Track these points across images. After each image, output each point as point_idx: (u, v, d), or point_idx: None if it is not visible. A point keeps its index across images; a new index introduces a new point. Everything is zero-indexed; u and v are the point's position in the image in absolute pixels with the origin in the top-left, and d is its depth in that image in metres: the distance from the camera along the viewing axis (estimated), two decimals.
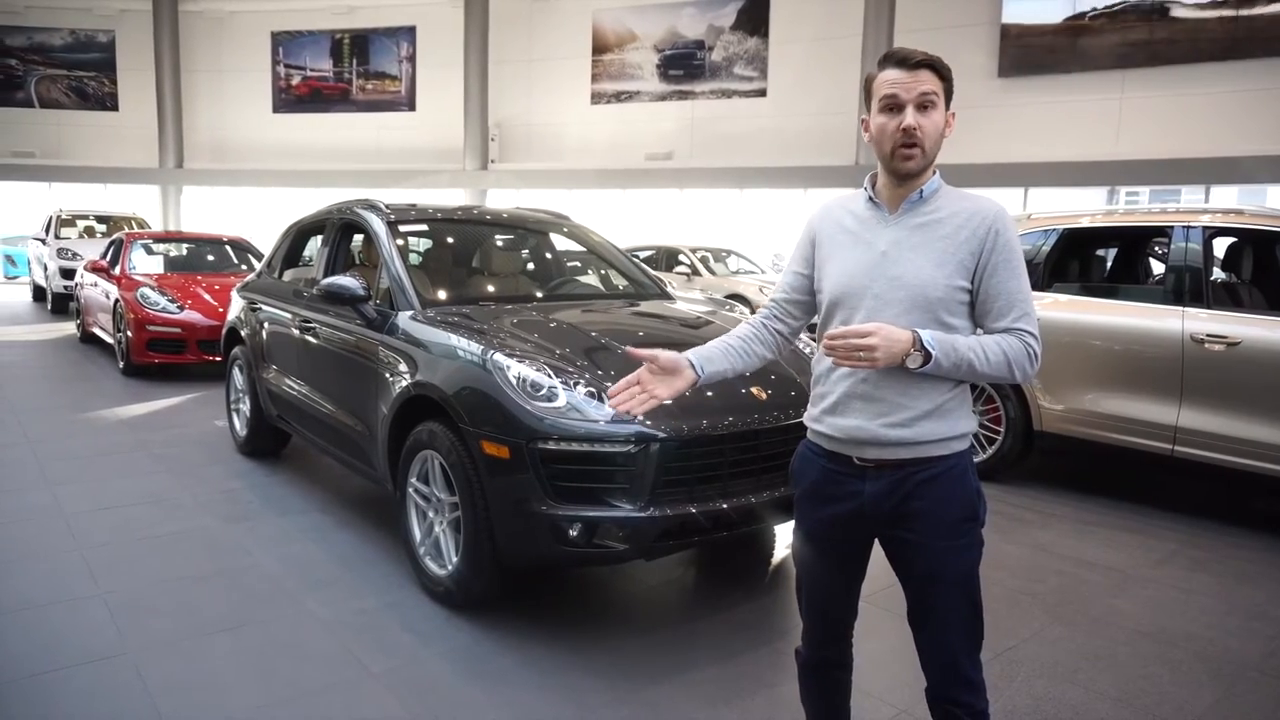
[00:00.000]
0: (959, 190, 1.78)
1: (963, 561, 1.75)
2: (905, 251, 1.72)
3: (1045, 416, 4.87)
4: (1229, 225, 4.58)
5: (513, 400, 2.91)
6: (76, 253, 12.35)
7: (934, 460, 1.73)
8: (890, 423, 1.71)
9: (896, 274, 1.71)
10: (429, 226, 4.71)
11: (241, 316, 5.31)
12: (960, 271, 1.70)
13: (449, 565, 3.17)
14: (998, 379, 1.69)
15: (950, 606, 1.74)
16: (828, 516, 1.83)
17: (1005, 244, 1.69)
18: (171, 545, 3.80)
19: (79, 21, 20.59)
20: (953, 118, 1.74)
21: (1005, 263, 1.69)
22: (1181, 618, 3.32)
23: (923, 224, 1.73)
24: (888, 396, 1.71)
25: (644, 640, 3.03)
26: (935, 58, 1.70)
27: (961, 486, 1.74)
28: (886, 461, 1.73)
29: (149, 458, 5.21)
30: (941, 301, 1.69)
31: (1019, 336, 1.68)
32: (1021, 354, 1.67)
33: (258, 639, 2.96)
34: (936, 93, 1.69)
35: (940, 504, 1.72)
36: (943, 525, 1.73)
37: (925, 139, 1.68)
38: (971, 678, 1.76)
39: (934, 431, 1.71)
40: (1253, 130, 12.32)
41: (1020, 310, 1.69)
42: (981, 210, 1.72)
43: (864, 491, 1.76)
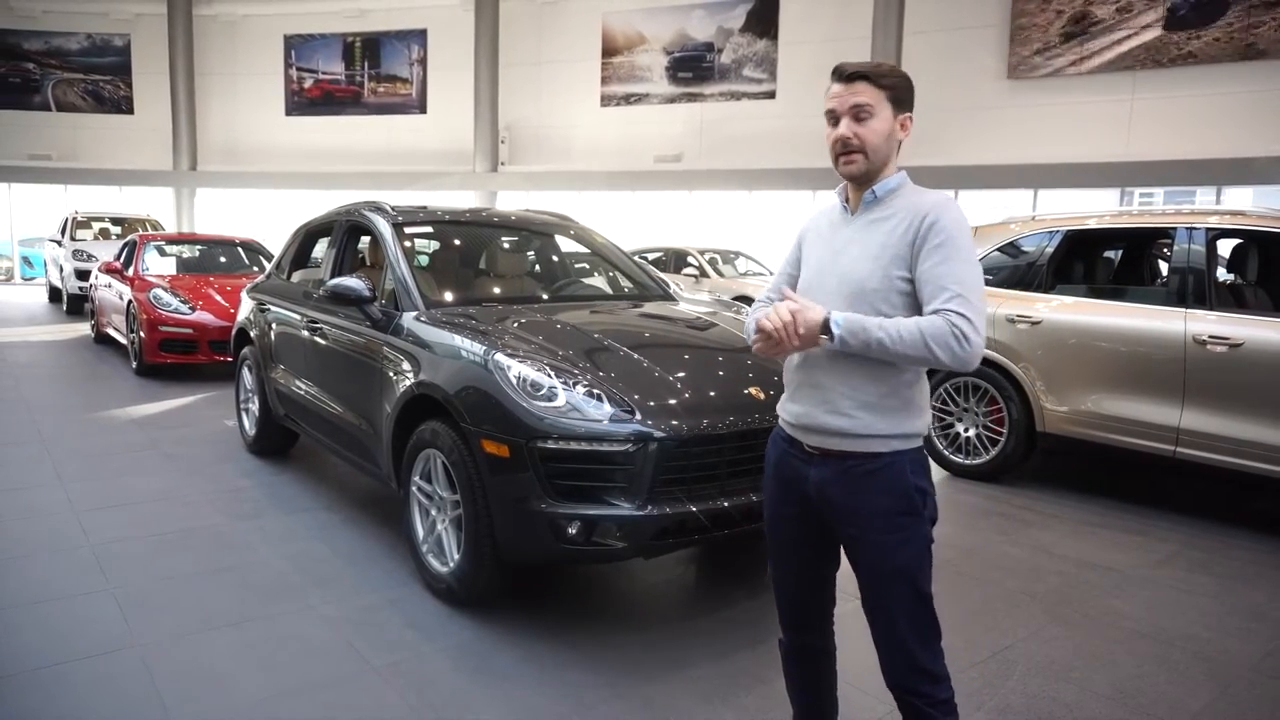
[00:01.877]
0: (920, 189, 1.86)
1: (903, 554, 1.80)
2: (853, 248, 1.86)
3: (1048, 418, 4.87)
4: (1232, 227, 4.57)
5: (513, 400, 2.95)
6: (91, 254, 12.49)
7: (873, 456, 1.80)
8: (831, 410, 1.82)
9: (843, 269, 1.85)
10: (434, 228, 4.76)
11: (251, 317, 5.37)
12: (897, 262, 1.78)
13: (451, 562, 3.22)
14: (918, 359, 1.70)
15: (894, 598, 1.82)
16: (781, 495, 1.96)
17: (938, 231, 1.75)
18: (180, 542, 3.86)
19: (95, 26, 20.81)
20: (907, 120, 1.85)
21: (937, 249, 1.74)
22: (1180, 618, 3.33)
23: (873, 221, 1.85)
24: (832, 386, 1.82)
25: (642, 638, 3.07)
26: (871, 69, 1.81)
27: (899, 481, 1.80)
28: (830, 451, 1.84)
29: (160, 456, 5.28)
30: (878, 292, 1.78)
31: (944, 316, 1.69)
32: (944, 332, 1.67)
33: (262, 633, 3.01)
34: (871, 102, 1.80)
35: (876, 498, 1.80)
36: (878, 519, 1.80)
37: (866, 145, 1.81)
38: (926, 667, 1.82)
39: (873, 426, 1.79)
40: (1265, 131, 12.24)
41: (952, 292, 1.71)
42: (923, 204, 1.80)
43: (809, 477, 1.88)
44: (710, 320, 4.04)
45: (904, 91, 1.84)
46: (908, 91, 1.85)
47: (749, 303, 11.20)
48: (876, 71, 1.81)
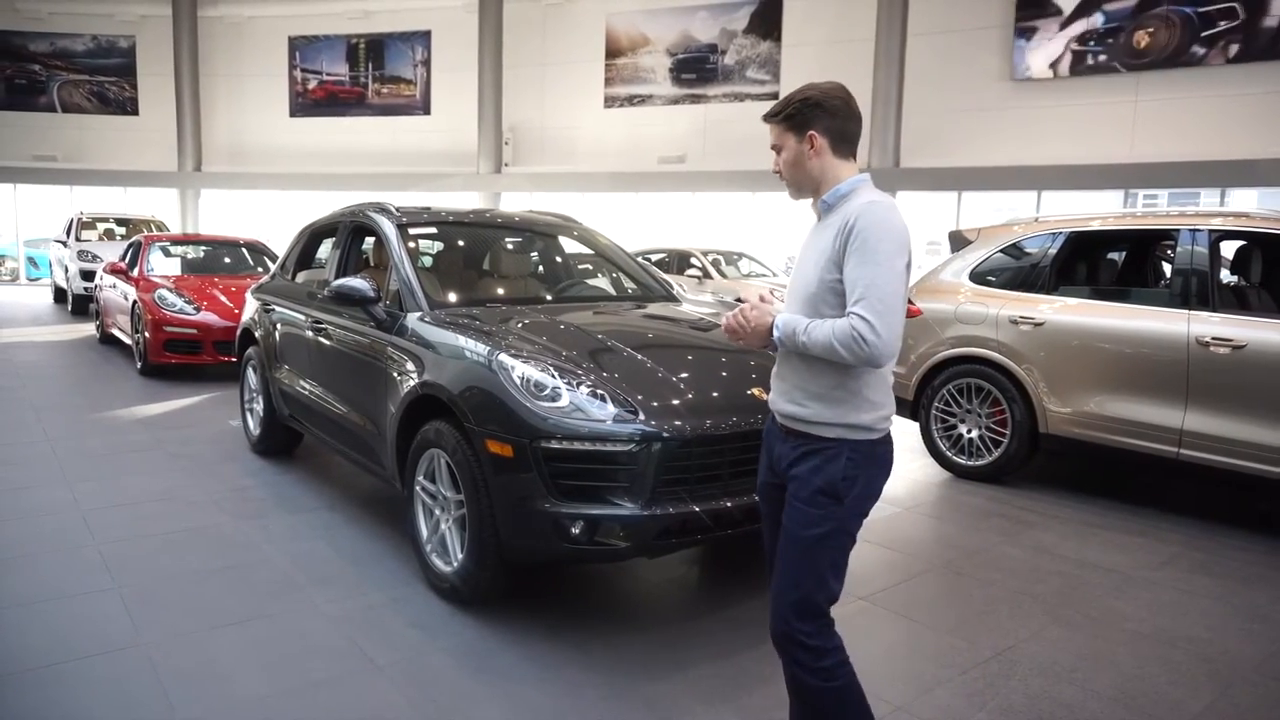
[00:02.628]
0: (863, 191, 2.01)
1: (810, 525, 1.98)
2: (806, 255, 2.07)
3: (1051, 419, 4.87)
4: (1235, 229, 4.57)
5: (517, 400, 2.96)
6: (96, 255, 12.53)
7: (819, 440, 2.00)
8: (789, 399, 2.06)
9: (799, 275, 2.07)
10: (439, 229, 4.77)
11: (255, 318, 5.39)
12: (830, 266, 1.95)
13: (454, 562, 3.23)
14: (833, 357, 1.89)
15: (788, 554, 2.01)
16: (765, 465, 2.19)
17: (856, 235, 1.89)
18: (185, 541, 3.88)
19: (101, 27, 20.88)
20: (813, 137, 2.02)
21: (854, 253, 1.89)
22: (1181, 619, 3.33)
23: (824, 227, 2.03)
24: (789, 378, 2.07)
25: (644, 637, 3.08)
26: (773, 110, 2.07)
27: (832, 467, 1.98)
28: (791, 430, 2.06)
29: (165, 456, 5.30)
30: (819, 294, 1.98)
31: (849, 319, 1.86)
32: (846, 334, 1.85)
33: (266, 632, 3.03)
34: (777, 141, 2.07)
35: (809, 473, 1.99)
36: (804, 490, 1.99)
37: (784, 173, 2.08)
38: (800, 627, 1.98)
39: (821, 414, 1.99)
40: (1270, 133, 12.22)
41: (858, 295, 1.86)
42: (849, 209, 1.96)
43: (776, 449, 2.12)
44: (713, 321, 4.05)
45: (798, 116, 2.02)
46: (806, 112, 2.01)
47: None
48: (775, 111, 2.07)
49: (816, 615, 1.99)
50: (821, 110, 2.01)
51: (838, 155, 2.03)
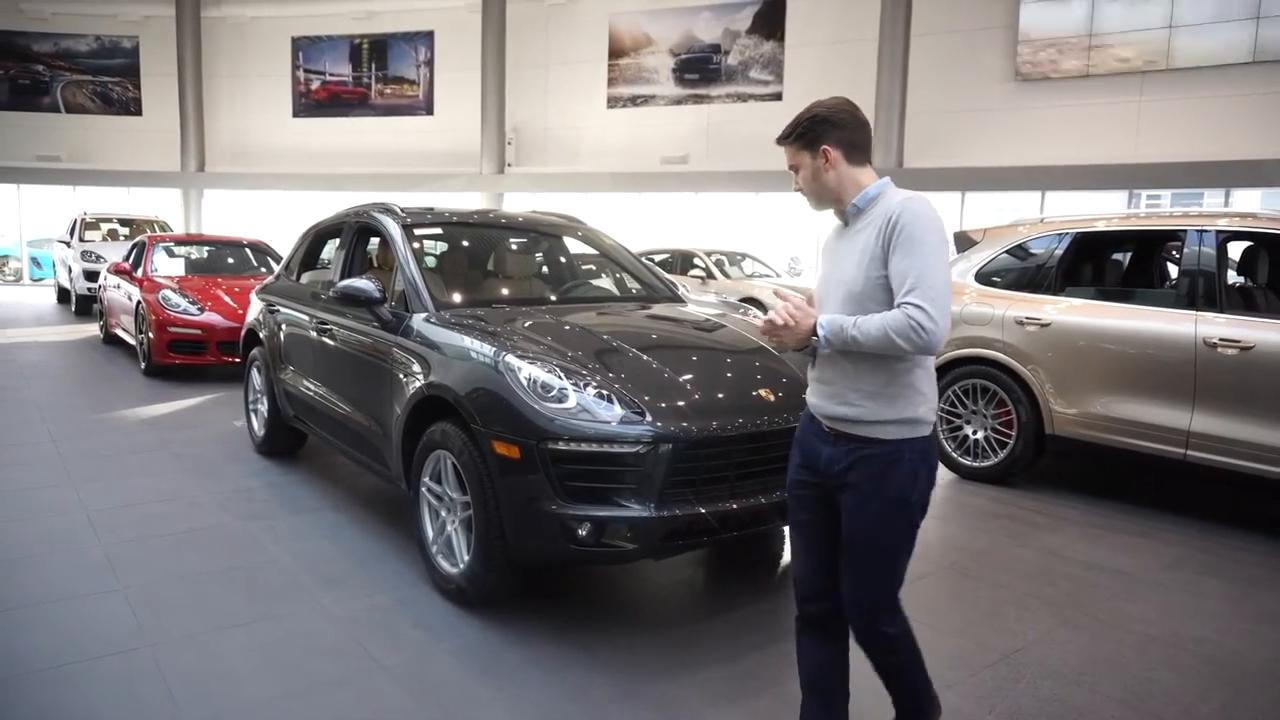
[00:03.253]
0: (894, 193, 2.06)
1: (880, 531, 2.05)
2: (844, 257, 2.10)
3: (1057, 420, 4.86)
4: (1243, 229, 4.56)
5: (523, 401, 2.96)
6: (100, 255, 12.53)
7: (876, 441, 2.03)
8: (840, 401, 2.07)
9: (837, 277, 2.11)
10: (443, 230, 4.76)
11: (260, 318, 5.39)
12: (875, 264, 2.00)
13: (460, 563, 3.22)
14: (888, 350, 1.93)
15: (854, 561, 2.09)
16: (800, 465, 2.20)
17: (901, 229, 1.95)
18: (190, 541, 3.87)
19: (104, 28, 20.91)
20: (827, 151, 2.07)
21: (900, 246, 1.95)
22: (1190, 622, 3.32)
23: (854, 232, 2.10)
24: (837, 380, 2.08)
25: (651, 639, 3.07)
26: (784, 132, 2.12)
27: (896, 472, 2.02)
28: (841, 432, 2.08)
29: (169, 456, 5.30)
30: (866, 292, 2.01)
31: (903, 309, 1.90)
32: (902, 324, 1.89)
33: (272, 633, 3.02)
34: (793, 162, 2.13)
35: (873, 481, 2.02)
36: (871, 500, 2.03)
37: (805, 190, 2.15)
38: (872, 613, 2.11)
39: (877, 413, 2.02)
40: (1275, 133, 12.20)
41: (910, 285, 1.91)
42: (888, 207, 2.01)
43: (822, 453, 2.12)
44: (719, 322, 4.04)
45: (809, 133, 2.08)
46: (812, 128, 2.08)
47: (756, 305, 11.19)
48: (785, 133, 2.13)
49: (893, 607, 2.12)
50: (830, 125, 2.08)
51: (853, 164, 2.09)
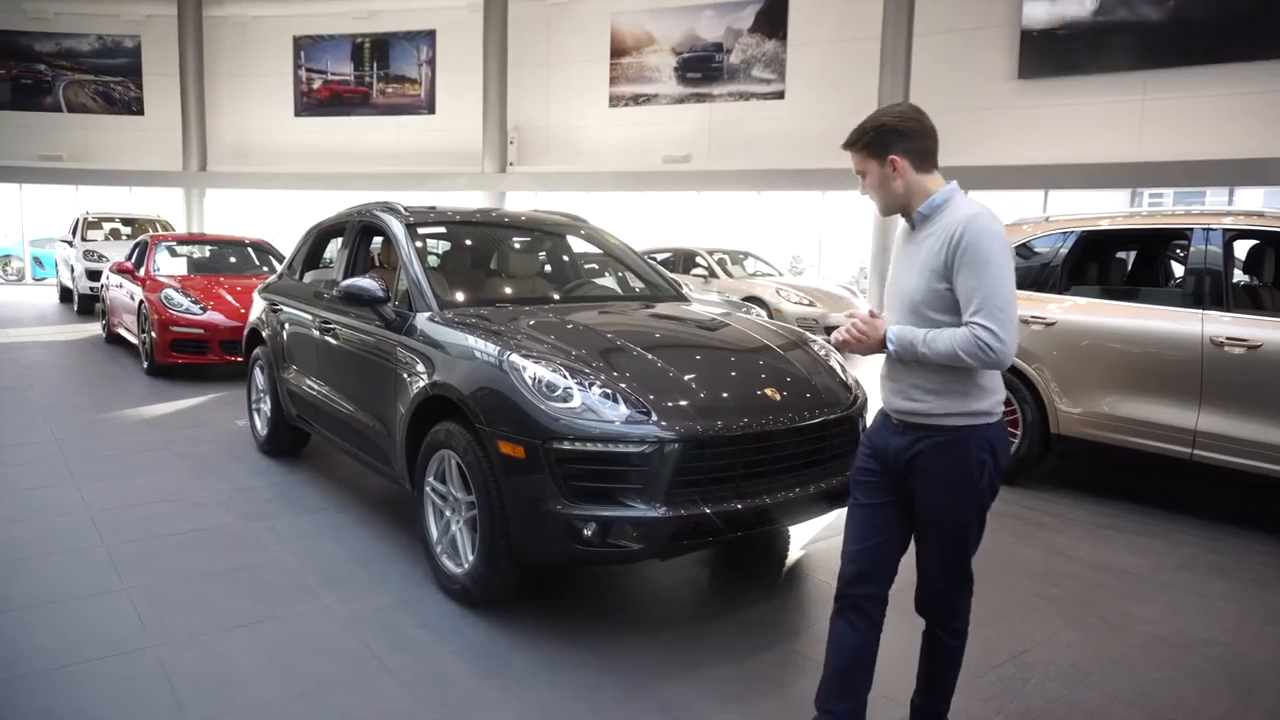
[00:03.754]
0: (962, 202, 2.11)
1: (951, 514, 2.15)
2: (907, 263, 2.18)
3: (1062, 420, 4.84)
4: (1249, 228, 4.53)
5: (528, 400, 2.94)
6: (102, 254, 12.53)
7: (940, 429, 2.11)
8: (904, 397, 2.16)
9: (899, 283, 2.20)
10: (447, 229, 4.75)
11: (263, 317, 5.38)
12: (936, 276, 2.07)
13: (465, 563, 3.21)
14: (957, 364, 2.03)
15: (931, 543, 2.21)
16: (870, 455, 2.27)
17: (966, 247, 2.00)
18: (193, 541, 3.86)
19: (106, 27, 20.90)
20: (895, 160, 2.11)
21: (966, 264, 2.01)
22: (1199, 623, 3.30)
23: (919, 239, 2.15)
24: (899, 378, 2.18)
25: (657, 639, 3.05)
26: (849, 139, 2.17)
27: (963, 454, 2.10)
28: (908, 424, 2.17)
29: (172, 456, 5.29)
30: (925, 302, 2.09)
31: (970, 329, 1.99)
32: (969, 343, 1.98)
33: (276, 633, 3.01)
34: (860, 168, 2.17)
35: (940, 466, 2.11)
36: (939, 483, 2.12)
37: (873, 198, 2.20)
38: (947, 602, 2.26)
39: (940, 406, 2.10)
40: (1278, 131, 12.16)
41: (976, 305, 1.99)
42: (954, 221, 2.05)
43: (891, 443, 2.20)
44: (723, 321, 4.03)
45: (876, 142, 2.13)
46: (879, 137, 2.12)
47: (759, 303, 11.14)
48: (852, 140, 2.17)
49: (968, 589, 2.26)
50: (898, 135, 2.12)
51: (920, 172, 2.13)
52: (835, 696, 2.26)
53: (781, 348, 3.67)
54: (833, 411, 3.30)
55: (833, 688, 2.26)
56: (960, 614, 2.27)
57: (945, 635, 2.27)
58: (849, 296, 12.32)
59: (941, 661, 2.31)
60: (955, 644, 2.28)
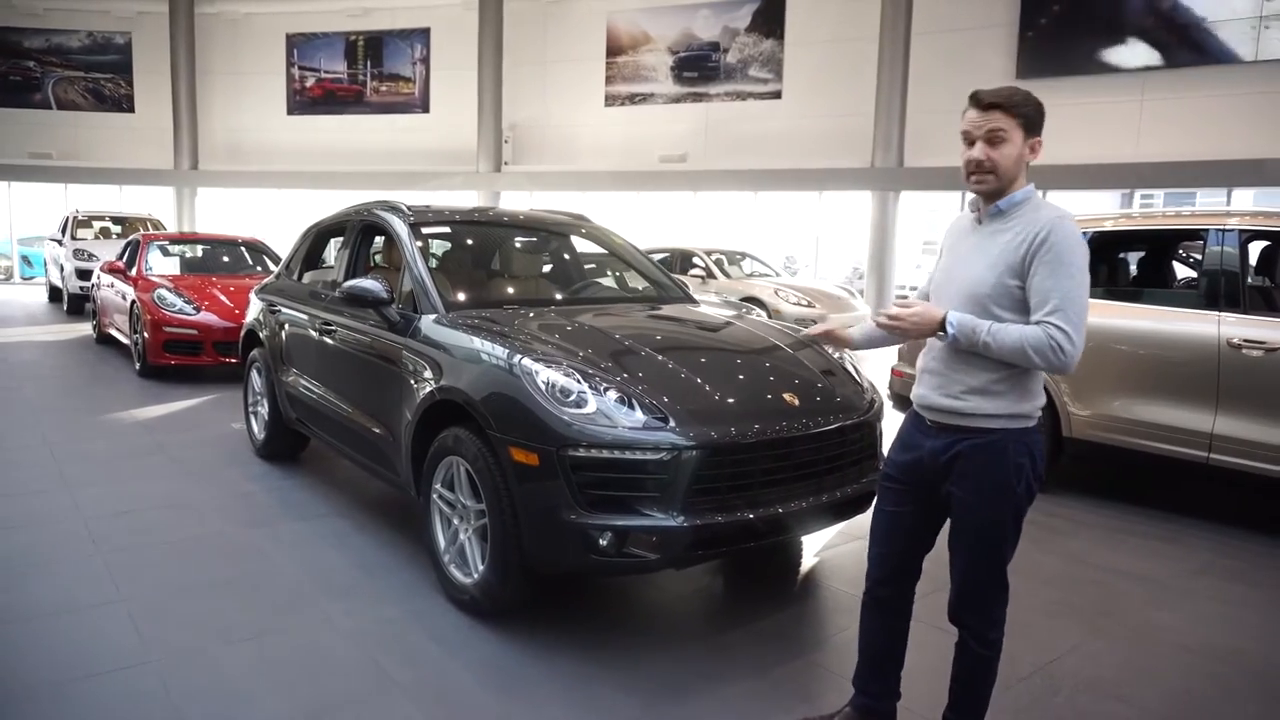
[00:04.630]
0: (1041, 203, 2.07)
1: (989, 518, 2.08)
2: (973, 254, 2.10)
3: (1074, 423, 4.77)
4: (1265, 228, 4.48)
5: (542, 406, 2.85)
6: (93, 254, 12.38)
7: (980, 431, 2.06)
8: (944, 392, 2.11)
9: (961, 273, 2.12)
10: (450, 228, 4.66)
11: (260, 318, 5.27)
12: (1009, 271, 2.01)
13: (475, 573, 3.11)
14: (1018, 362, 1.98)
15: (968, 548, 2.14)
16: (902, 461, 2.23)
17: (1050, 248, 1.96)
18: (191, 550, 3.76)
19: (96, 24, 20.69)
20: (1037, 144, 2.05)
21: (1047, 264, 1.96)
22: (1224, 631, 3.23)
23: (995, 231, 2.09)
24: (944, 371, 2.11)
25: (673, 652, 2.96)
26: (1005, 99, 2.01)
27: (1002, 458, 2.05)
28: (945, 425, 2.12)
29: (166, 460, 5.18)
30: (990, 296, 2.03)
31: (1044, 328, 1.94)
32: (1043, 343, 1.93)
33: (281, 647, 2.91)
34: (1005, 128, 2.02)
35: (980, 469, 2.07)
36: (979, 487, 2.07)
37: (997, 168, 2.04)
38: (982, 610, 2.17)
39: (981, 406, 2.05)
40: (1277, 132, 12.16)
41: (1052, 305, 1.94)
42: (1038, 219, 2.01)
43: (926, 446, 2.15)
44: (734, 322, 3.95)
45: (1035, 118, 2.04)
46: (1038, 117, 2.05)
47: (757, 304, 11.05)
48: (1010, 100, 2.01)
49: (1003, 597, 2.19)
50: (1042, 121, 2.06)
51: None
52: (870, 678, 2.38)
53: (794, 349, 3.59)
54: (850, 417, 3.22)
55: (867, 669, 2.38)
56: (995, 623, 2.20)
57: (978, 646, 2.20)
58: (847, 297, 12.25)
59: (975, 674, 2.24)
60: (989, 654, 2.21)
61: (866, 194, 15.35)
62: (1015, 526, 2.12)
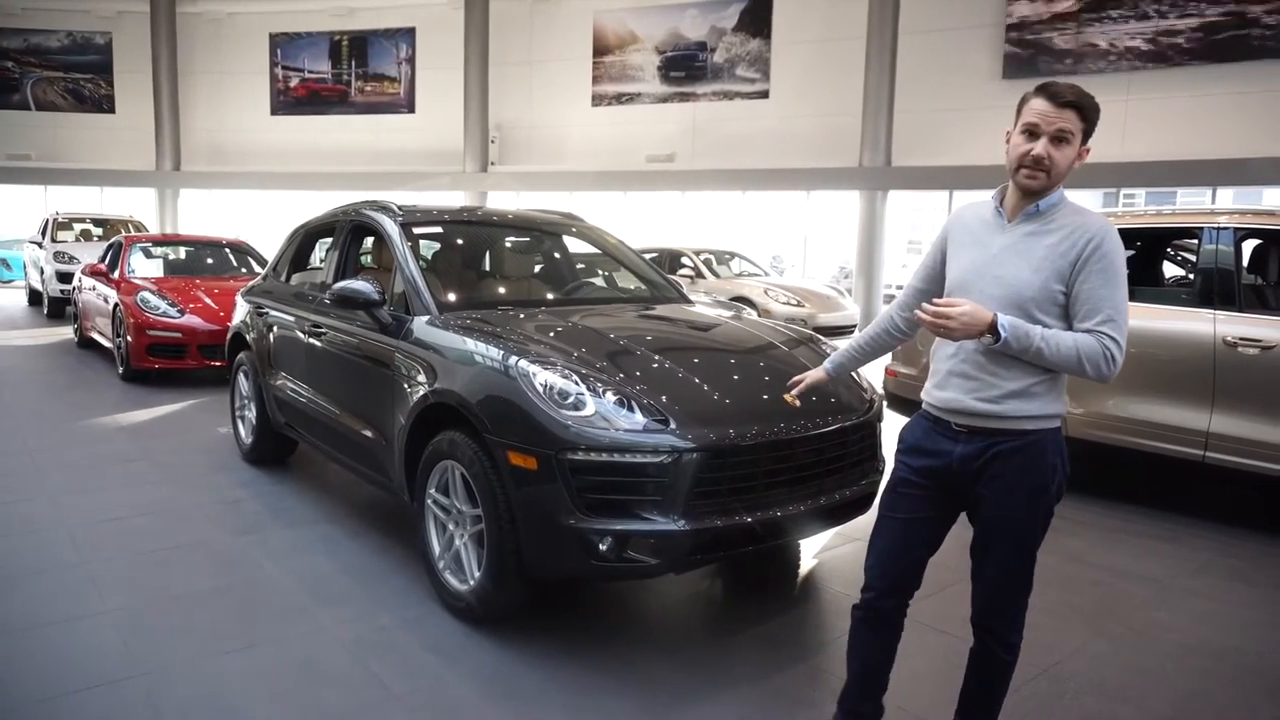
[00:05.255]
0: (1077, 206, 2.01)
1: (1024, 521, 2.03)
2: (1011, 255, 2.00)
3: (1070, 421, 4.75)
4: (1261, 226, 4.48)
5: (539, 409, 2.79)
6: (74, 256, 12.19)
7: (1016, 434, 1.99)
8: (980, 397, 2.00)
9: (1000, 273, 2.00)
10: (442, 228, 4.59)
11: (247, 321, 5.18)
12: (1056, 276, 1.94)
13: (471, 580, 3.05)
14: (1068, 370, 1.93)
15: (1001, 553, 2.07)
16: (921, 467, 2.12)
17: (1101, 256, 1.91)
18: (179, 559, 3.67)
19: (76, 23, 20.45)
20: (1086, 152, 1.98)
21: (1099, 272, 1.91)
22: (1226, 631, 3.21)
23: (1033, 232, 2.00)
24: (979, 375, 2.00)
25: (674, 658, 2.91)
26: (1084, 100, 1.93)
27: (1039, 459, 2.00)
28: (977, 429, 2.02)
29: (152, 467, 5.08)
30: (1034, 300, 1.95)
31: (1098, 338, 1.90)
32: (1097, 353, 1.89)
33: (273, 659, 2.84)
34: (1074, 131, 1.93)
35: (1016, 472, 2.00)
36: (1015, 489, 2.00)
37: (1054, 168, 1.94)
38: (1009, 614, 2.13)
39: (1019, 409, 1.98)
40: (1261, 132, 12.25)
41: (1105, 315, 1.90)
42: (1087, 225, 1.95)
43: (954, 452, 2.06)
44: (729, 322, 3.91)
45: (1095, 124, 1.97)
46: (1096, 123, 1.97)
47: (747, 304, 11.01)
48: (1086, 103, 1.93)
49: (1028, 600, 2.14)
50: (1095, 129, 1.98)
51: None
52: (859, 698, 2.27)
53: (790, 348, 3.55)
54: (850, 417, 3.18)
55: (857, 688, 2.27)
56: (1019, 628, 2.15)
57: (1002, 651, 2.14)
58: (836, 296, 12.26)
59: (995, 680, 2.19)
60: (1011, 659, 2.16)
61: (854, 193, 15.36)
62: (1045, 528, 2.07)
